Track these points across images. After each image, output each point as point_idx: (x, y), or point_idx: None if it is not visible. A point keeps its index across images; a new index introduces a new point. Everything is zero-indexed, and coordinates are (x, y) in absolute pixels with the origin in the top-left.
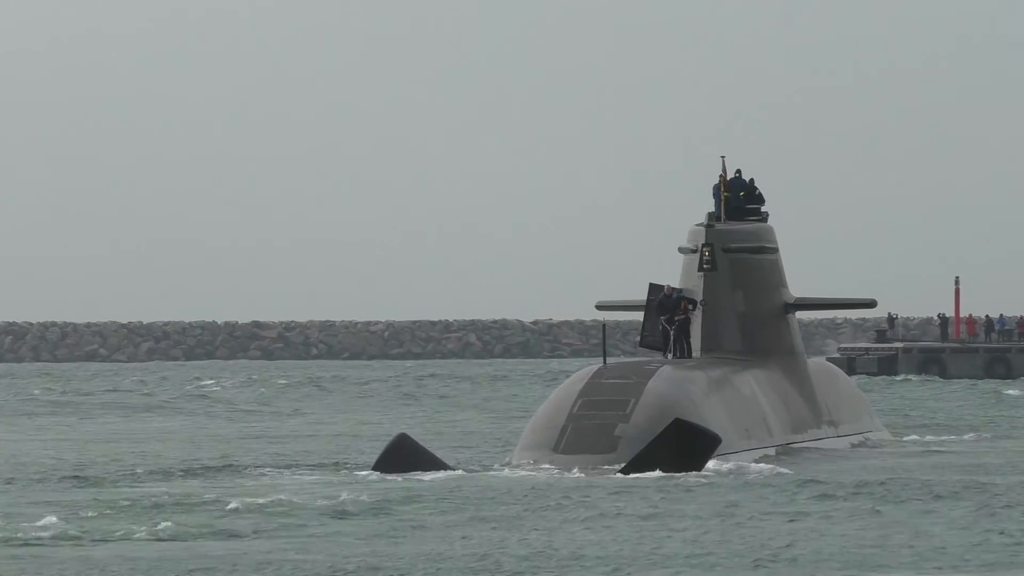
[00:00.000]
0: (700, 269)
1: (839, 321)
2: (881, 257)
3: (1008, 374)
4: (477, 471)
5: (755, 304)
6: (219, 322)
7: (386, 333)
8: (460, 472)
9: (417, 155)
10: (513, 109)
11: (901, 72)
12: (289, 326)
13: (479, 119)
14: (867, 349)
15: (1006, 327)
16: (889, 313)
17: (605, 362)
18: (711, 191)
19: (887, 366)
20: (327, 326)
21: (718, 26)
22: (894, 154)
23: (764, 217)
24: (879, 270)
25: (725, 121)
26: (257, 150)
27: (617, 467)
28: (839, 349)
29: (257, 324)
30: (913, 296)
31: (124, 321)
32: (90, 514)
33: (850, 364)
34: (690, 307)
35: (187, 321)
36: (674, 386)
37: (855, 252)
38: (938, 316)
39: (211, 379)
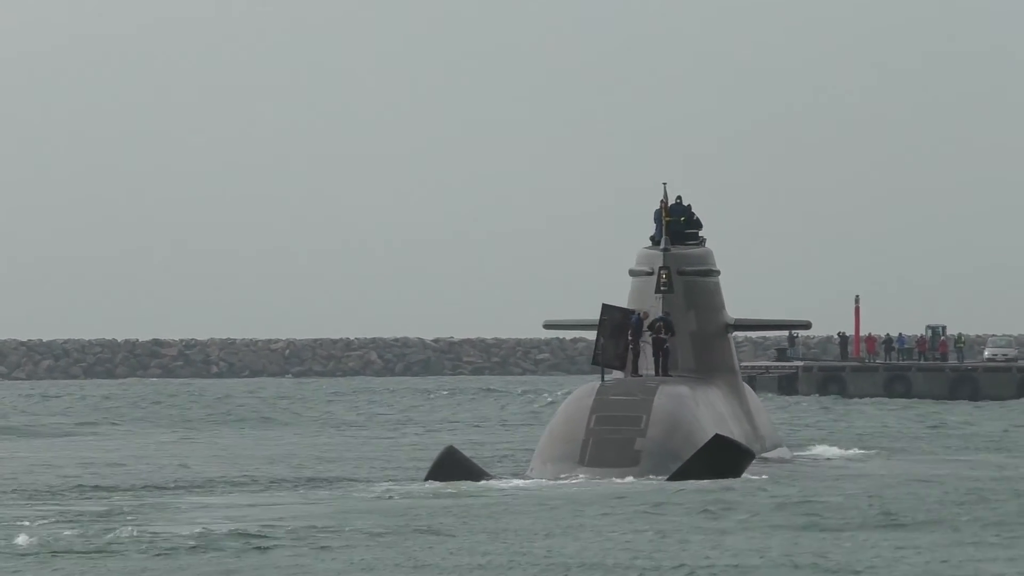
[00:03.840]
0: (658, 291)
1: (739, 339)
2: (781, 276)
3: (907, 393)
4: (523, 481)
5: (704, 325)
6: (119, 340)
7: (287, 351)
8: (509, 482)
9: (318, 172)
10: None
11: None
12: (189, 344)
13: (396, 140)
14: (768, 367)
15: (906, 346)
16: (790, 332)
17: (603, 380)
18: (652, 216)
19: (787, 385)
20: (227, 344)
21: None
22: (795, 174)
23: (702, 241)
24: (780, 288)
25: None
26: (156, 164)
27: (662, 478)
28: (740, 367)
29: (157, 342)
30: (813, 315)
31: (24, 339)
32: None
33: (751, 382)
34: (660, 327)
35: (87, 339)
36: (676, 403)
37: (756, 271)
38: (838, 335)
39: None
